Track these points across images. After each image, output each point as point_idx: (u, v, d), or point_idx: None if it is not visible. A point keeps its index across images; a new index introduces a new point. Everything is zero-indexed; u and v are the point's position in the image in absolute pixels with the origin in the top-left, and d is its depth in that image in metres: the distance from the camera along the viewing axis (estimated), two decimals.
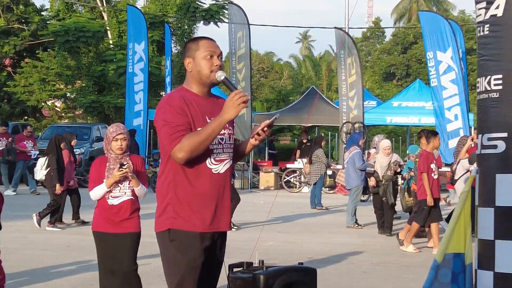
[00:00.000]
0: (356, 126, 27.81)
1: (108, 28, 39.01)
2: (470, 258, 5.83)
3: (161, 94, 37.23)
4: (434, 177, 13.16)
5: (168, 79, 31.42)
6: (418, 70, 60.36)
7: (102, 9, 39.84)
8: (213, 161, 5.10)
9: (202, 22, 39.44)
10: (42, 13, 40.69)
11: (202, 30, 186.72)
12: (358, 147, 17.12)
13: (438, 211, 13.43)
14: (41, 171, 15.93)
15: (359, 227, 16.67)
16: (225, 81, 5.12)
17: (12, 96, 38.49)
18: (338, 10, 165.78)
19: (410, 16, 72.74)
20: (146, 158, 27.82)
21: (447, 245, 5.74)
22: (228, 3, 33.44)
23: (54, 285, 9.89)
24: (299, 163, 27.88)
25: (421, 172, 13.22)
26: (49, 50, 37.84)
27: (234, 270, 6.05)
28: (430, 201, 13.18)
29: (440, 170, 14.10)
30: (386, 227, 15.57)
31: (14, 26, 38.46)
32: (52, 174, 15.56)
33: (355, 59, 29.34)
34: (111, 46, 38.39)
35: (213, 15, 38.72)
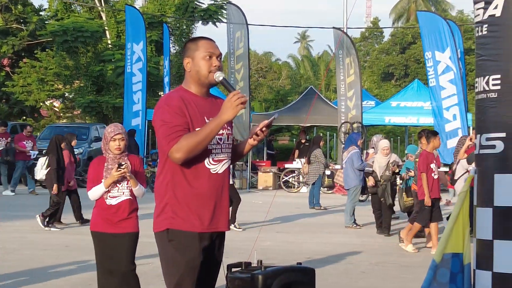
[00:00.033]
0: (354, 126, 27.80)
1: (106, 28, 39.02)
2: (469, 258, 5.83)
3: (159, 94, 37.23)
4: (434, 177, 13.16)
5: (166, 79, 31.41)
6: (416, 70, 60.40)
7: (100, 9, 39.85)
8: (211, 161, 5.11)
9: (200, 22, 39.49)
10: (41, 13, 40.71)
11: (201, 30, 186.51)
12: (357, 147, 17.13)
13: (438, 211, 13.43)
14: (41, 171, 15.93)
15: (358, 227, 16.68)
16: (223, 82, 5.12)
17: (10, 96, 38.50)
18: (336, 10, 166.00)
19: (408, 16, 72.78)
20: (145, 158, 27.81)
21: (446, 245, 5.74)
22: (226, 3, 33.46)
23: (52, 285, 9.89)
24: (298, 163, 27.89)
25: (420, 172, 13.23)
26: (47, 50, 37.85)
27: (233, 270, 6.05)
28: (427, 201, 13.19)
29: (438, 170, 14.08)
30: (384, 227, 15.58)
31: (13, 26, 38.46)
32: (53, 174, 15.57)
33: (354, 59, 29.35)
34: (110, 46, 38.40)
35: (211, 15, 38.75)
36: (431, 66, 26.01)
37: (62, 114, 40.93)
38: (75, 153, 18.67)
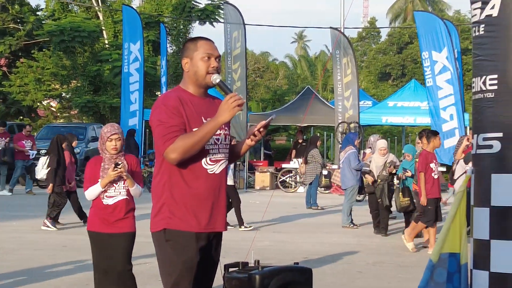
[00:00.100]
0: (351, 126, 27.82)
1: (103, 28, 38.98)
2: (466, 258, 5.84)
3: (156, 94, 37.21)
4: (435, 176, 13.14)
5: (163, 79, 31.41)
6: (413, 70, 60.37)
7: (97, 9, 39.81)
8: (208, 161, 5.10)
9: (197, 22, 39.44)
10: (38, 13, 40.64)
11: (198, 30, 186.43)
12: (354, 147, 17.14)
13: (439, 211, 13.42)
14: (42, 171, 15.92)
15: (355, 227, 16.68)
16: (220, 84, 5.13)
17: (7, 96, 38.46)
18: (333, 10, 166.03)
19: (405, 16, 72.75)
20: (142, 158, 27.80)
21: (443, 245, 5.74)
22: (223, 3, 33.44)
23: (50, 285, 9.89)
24: (295, 163, 27.89)
25: (419, 171, 13.23)
26: (44, 50, 37.80)
27: (230, 270, 6.05)
28: (423, 200, 13.20)
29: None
30: (382, 227, 15.58)
31: (10, 26, 38.41)
32: (51, 174, 15.55)
33: (351, 59, 29.36)
34: (107, 46, 38.36)
35: (208, 15, 38.71)
36: (428, 66, 26.03)
37: (59, 114, 40.88)
38: None
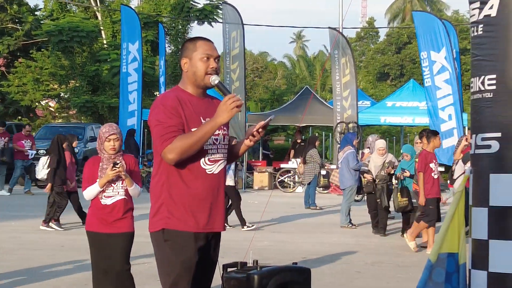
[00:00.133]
0: (350, 126, 27.82)
1: (102, 28, 38.99)
2: (464, 258, 5.84)
3: (155, 94, 37.22)
4: (434, 176, 13.13)
5: (162, 79, 31.41)
6: (412, 70, 60.37)
7: (96, 9, 39.82)
8: (207, 161, 5.10)
9: (196, 22, 39.44)
10: (36, 13, 40.65)
11: (196, 30, 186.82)
12: (352, 147, 17.13)
13: (438, 211, 13.41)
14: (42, 171, 15.91)
15: (353, 227, 16.68)
16: (219, 85, 5.13)
17: (5, 96, 38.45)
18: (332, 10, 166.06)
19: (404, 16, 72.75)
20: (140, 158, 27.80)
21: (441, 244, 5.75)
22: (222, 3, 33.43)
23: (48, 285, 9.88)
24: (293, 163, 27.88)
25: (418, 171, 13.23)
26: (43, 50, 37.81)
27: (228, 270, 6.05)
28: (422, 200, 13.19)
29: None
30: (380, 227, 15.58)
31: (8, 26, 38.42)
32: (54, 174, 15.53)
33: (349, 59, 29.36)
34: (105, 46, 38.37)
35: (207, 15, 38.71)
36: (427, 66, 26.04)
37: (57, 114, 40.87)
38: None
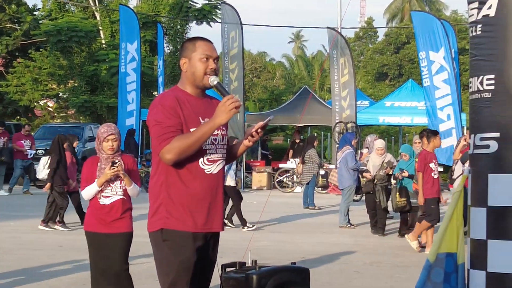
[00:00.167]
0: (348, 126, 27.82)
1: (100, 27, 38.96)
2: (463, 258, 5.84)
3: (153, 94, 37.20)
4: (434, 176, 13.12)
5: (160, 79, 31.39)
6: (410, 70, 60.37)
7: (94, 8, 39.79)
8: (206, 161, 5.10)
9: (194, 22, 39.43)
10: (35, 12, 40.61)
11: (195, 30, 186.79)
12: (351, 147, 17.14)
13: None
14: (43, 171, 15.90)
15: (352, 227, 16.68)
16: (217, 86, 5.13)
17: (4, 96, 38.39)
18: (330, 10, 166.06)
19: (402, 16, 72.75)
20: (139, 158, 27.79)
21: (440, 244, 5.75)
22: (220, 3, 33.42)
23: (47, 285, 9.88)
24: (292, 163, 27.88)
25: (417, 171, 13.22)
26: (41, 50, 37.78)
27: (227, 270, 6.06)
28: (420, 200, 13.20)
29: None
30: (379, 227, 15.58)
31: (6, 25, 38.38)
32: (54, 174, 15.52)
33: (348, 59, 29.36)
34: (104, 45, 38.34)
35: (205, 15, 38.70)
36: (425, 66, 26.02)
37: (56, 114, 40.84)
38: None
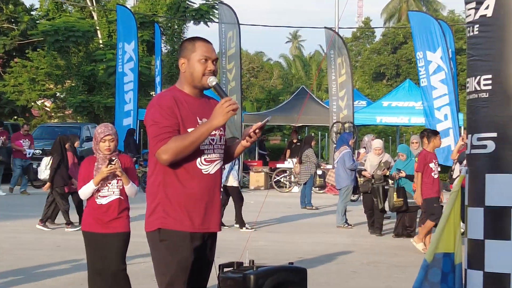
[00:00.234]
0: (346, 126, 27.84)
1: (98, 27, 38.95)
2: (460, 258, 5.85)
3: (151, 94, 37.20)
4: (434, 176, 13.12)
5: (158, 79, 31.40)
6: (408, 70, 60.41)
7: (92, 8, 39.78)
8: (203, 161, 5.10)
9: (192, 22, 39.44)
10: (32, 12, 40.59)
11: (192, 30, 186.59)
12: (348, 147, 17.15)
13: None
14: (45, 171, 15.89)
15: (349, 227, 16.69)
16: (216, 87, 5.13)
17: (1, 96, 38.36)
18: (328, 10, 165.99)
19: (400, 16, 72.78)
20: (136, 158, 27.79)
21: (437, 244, 5.76)
22: (218, 3, 33.41)
23: (44, 285, 9.88)
24: (289, 163, 27.88)
25: (416, 171, 13.21)
26: (38, 49, 37.75)
27: (225, 270, 6.06)
28: (419, 200, 13.20)
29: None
30: (376, 227, 15.59)
31: (4, 25, 38.35)
32: (55, 174, 15.49)
33: (345, 59, 29.38)
34: (101, 45, 38.33)
35: (203, 15, 38.72)
36: (423, 66, 26.05)
37: (53, 114, 40.82)
38: None
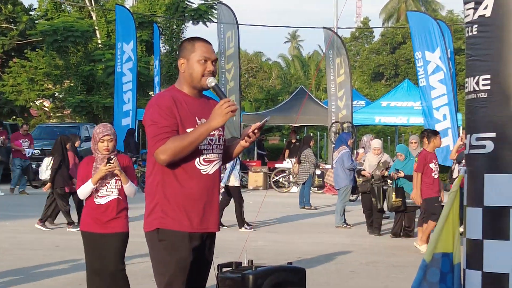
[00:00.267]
0: (344, 126, 27.85)
1: (96, 27, 38.94)
2: (459, 258, 5.85)
3: (150, 94, 37.20)
4: (435, 176, 13.11)
5: (156, 79, 31.40)
6: (406, 70, 60.43)
7: (90, 8, 39.77)
8: (202, 161, 5.09)
9: (191, 22, 39.43)
10: (31, 12, 40.57)
11: (191, 30, 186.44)
12: (347, 147, 17.15)
13: None
14: (46, 172, 15.87)
15: (348, 227, 16.69)
16: (215, 88, 5.12)
17: (0, 96, 38.38)
18: (327, 10, 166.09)
19: (398, 16, 72.79)
20: (135, 158, 27.77)
21: (436, 244, 5.75)
22: (217, 3, 33.43)
23: (43, 285, 9.87)
24: (288, 163, 27.89)
25: (415, 171, 13.20)
26: (37, 49, 37.75)
27: (223, 270, 6.06)
28: (418, 200, 13.19)
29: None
30: (375, 227, 15.59)
31: (2, 25, 38.35)
32: (56, 174, 15.48)
33: (344, 59, 29.39)
34: (100, 45, 38.32)
35: (202, 15, 38.70)
36: (421, 66, 26.06)
37: (52, 114, 40.82)
38: None
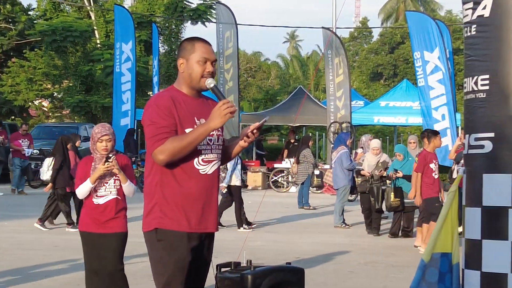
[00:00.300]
0: (343, 126, 27.85)
1: (95, 27, 38.96)
2: (457, 258, 5.85)
3: (148, 94, 37.21)
4: (435, 176, 13.11)
5: (155, 79, 31.40)
6: (405, 70, 60.47)
7: (89, 8, 39.77)
8: (200, 161, 5.09)
9: (189, 22, 39.44)
10: (29, 12, 40.59)
11: (190, 30, 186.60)
12: (346, 147, 17.15)
13: None
14: (47, 172, 15.86)
15: (347, 227, 16.69)
16: (214, 89, 5.12)
17: None
18: (325, 10, 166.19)
19: (397, 16, 72.82)
20: (134, 158, 27.77)
21: (434, 244, 5.75)
22: (215, 3, 33.43)
23: (41, 285, 9.87)
24: (287, 163, 27.89)
25: (415, 171, 13.19)
26: (36, 49, 37.75)
27: (222, 270, 6.06)
28: (417, 200, 13.19)
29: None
30: (374, 227, 15.59)
31: (1, 25, 38.35)
32: (58, 175, 15.46)
33: (343, 59, 29.38)
34: (99, 45, 38.33)
35: (200, 15, 38.72)
36: (420, 66, 26.03)
37: (51, 114, 40.82)
38: None
